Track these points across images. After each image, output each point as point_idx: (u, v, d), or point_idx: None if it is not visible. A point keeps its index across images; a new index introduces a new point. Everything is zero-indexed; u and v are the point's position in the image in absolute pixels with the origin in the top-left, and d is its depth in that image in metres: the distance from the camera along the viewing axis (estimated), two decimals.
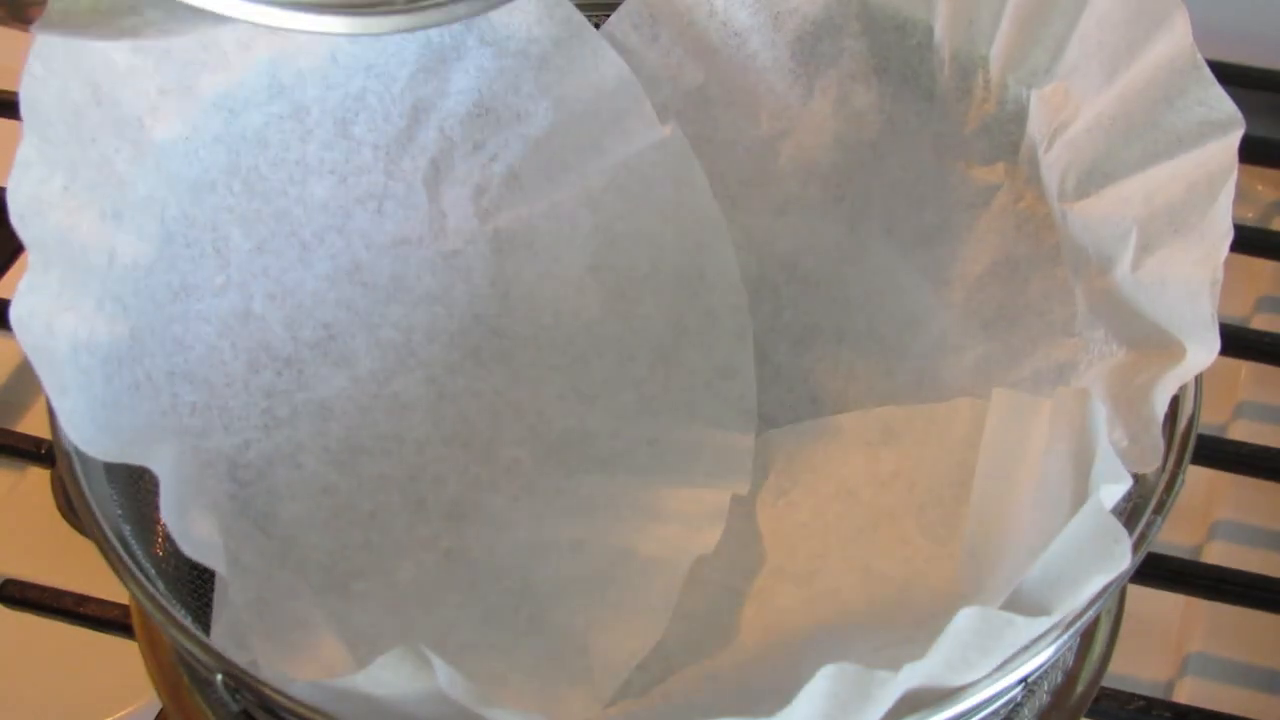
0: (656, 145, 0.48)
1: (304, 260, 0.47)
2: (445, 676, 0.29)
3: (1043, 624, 0.32)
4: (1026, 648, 0.33)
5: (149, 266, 0.41)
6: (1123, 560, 0.33)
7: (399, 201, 0.48)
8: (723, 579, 0.45)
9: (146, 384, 0.41)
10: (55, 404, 0.35)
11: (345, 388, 0.48)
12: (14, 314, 0.34)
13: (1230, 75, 0.62)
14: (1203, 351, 0.35)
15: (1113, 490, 0.34)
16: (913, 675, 0.31)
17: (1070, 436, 0.36)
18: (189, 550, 0.36)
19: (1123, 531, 0.33)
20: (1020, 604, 0.33)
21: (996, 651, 0.32)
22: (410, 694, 0.30)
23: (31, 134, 0.36)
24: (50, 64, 0.38)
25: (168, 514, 0.36)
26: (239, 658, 0.33)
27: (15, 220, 0.35)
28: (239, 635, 0.38)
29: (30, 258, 0.35)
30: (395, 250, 0.49)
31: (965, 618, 0.31)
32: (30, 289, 0.35)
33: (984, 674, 0.32)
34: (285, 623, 0.41)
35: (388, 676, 0.30)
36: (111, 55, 0.40)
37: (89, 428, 0.36)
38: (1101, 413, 0.35)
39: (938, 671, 0.31)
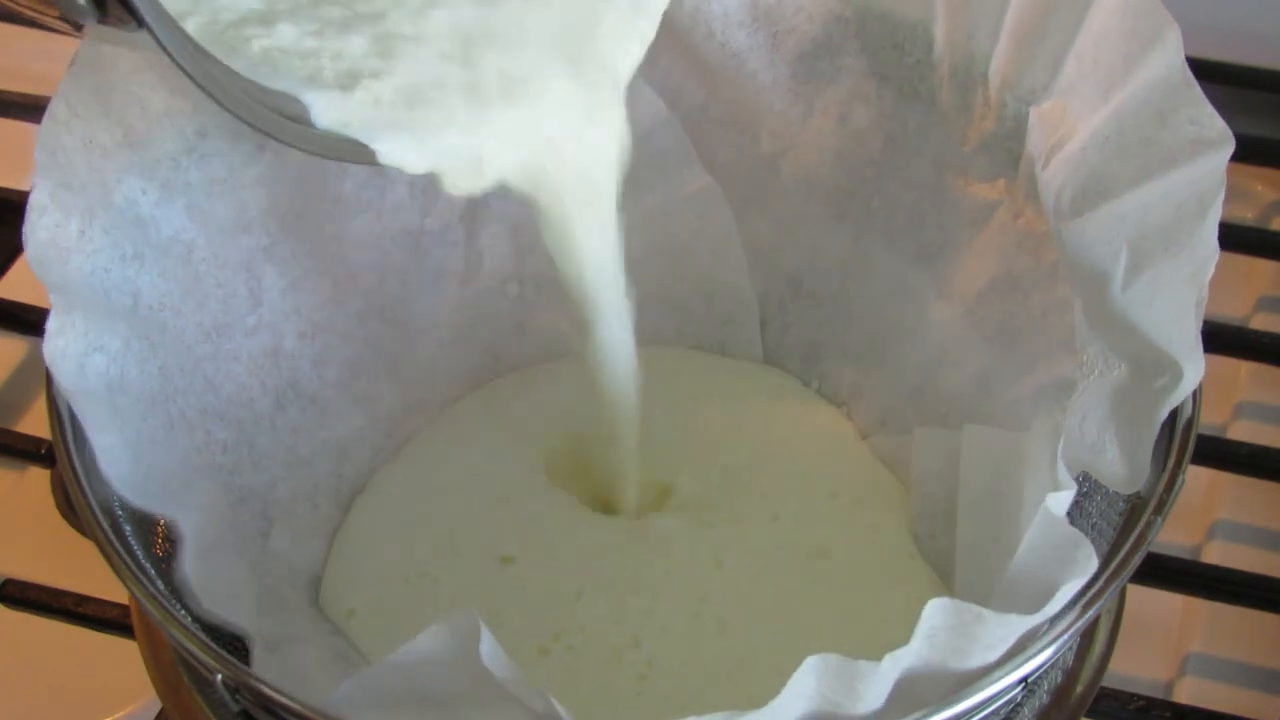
0: (695, 191, 0.49)
1: (336, 298, 0.47)
2: (489, 647, 0.29)
3: (1011, 621, 0.32)
4: (1025, 649, 0.33)
5: (176, 308, 0.42)
6: (1089, 566, 0.33)
7: (436, 239, 0.49)
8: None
9: (180, 422, 0.41)
10: (94, 441, 0.36)
11: (362, 428, 0.48)
12: (47, 355, 0.35)
13: (1230, 75, 0.63)
14: (1189, 371, 0.35)
15: (1059, 498, 0.35)
16: (895, 666, 0.31)
17: (1049, 468, 0.37)
18: (209, 603, 0.36)
19: (1083, 538, 0.34)
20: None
21: (973, 651, 0.32)
22: (453, 662, 0.30)
23: (45, 179, 0.37)
24: (76, 108, 0.38)
25: (190, 568, 0.36)
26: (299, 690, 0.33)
27: (34, 265, 0.36)
28: (287, 669, 0.39)
29: (52, 300, 0.36)
30: (432, 287, 0.49)
31: (935, 609, 0.31)
32: (58, 331, 0.36)
33: (967, 667, 0.32)
34: (325, 656, 0.42)
35: (436, 645, 0.30)
36: (148, 96, 0.40)
37: (125, 466, 0.37)
38: (1062, 436, 0.36)
39: (918, 666, 0.32)
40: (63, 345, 0.36)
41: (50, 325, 0.36)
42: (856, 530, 0.46)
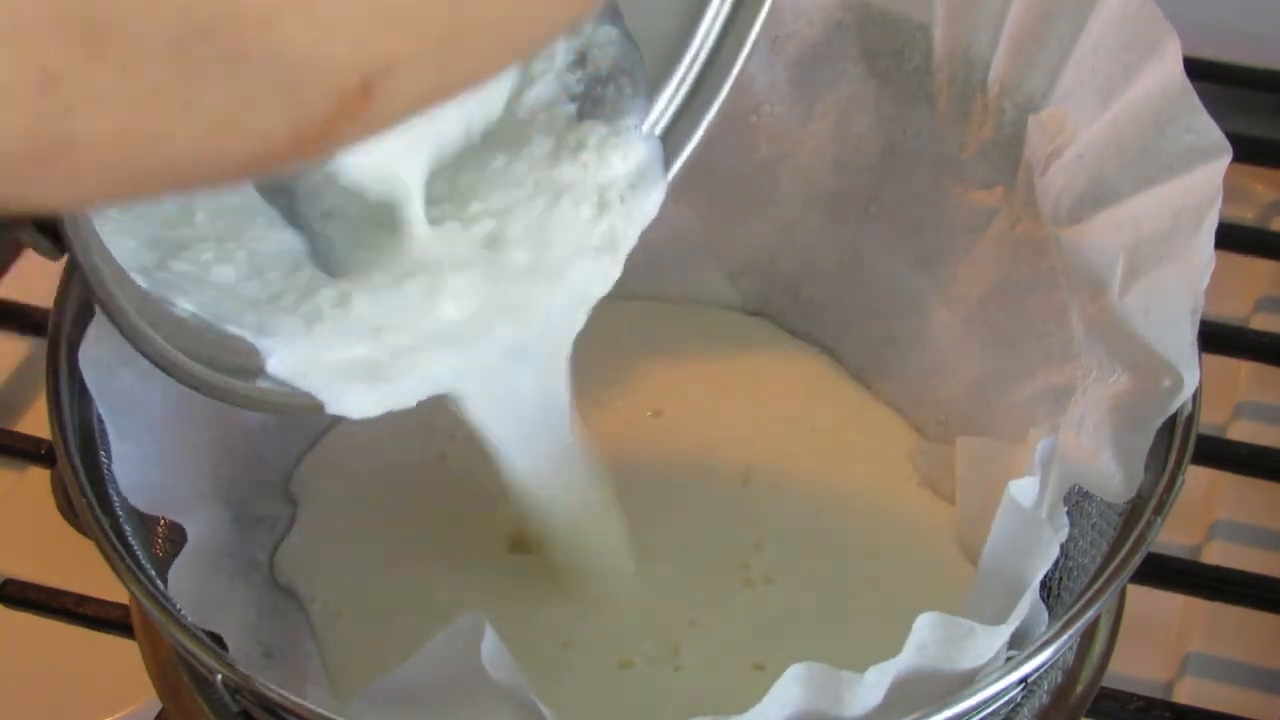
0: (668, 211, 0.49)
1: None
2: (491, 649, 0.30)
3: (1002, 632, 0.32)
4: (1024, 648, 0.33)
5: None
6: (1051, 553, 0.35)
7: None
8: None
9: (190, 450, 0.42)
10: (112, 446, 0.38)
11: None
12: (82, 357, 0.37)
13: (1230, 75, 0.63)
14: (1186, 379, 0.35)
15: (1022, 485, 0.36)
16: (882, 678, 0.31)
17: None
18: (193, 615, 0.37)
19: (1045, 524, 0.35)
20: (973, 613, 0.34)
21: (963, 659, 0.32)
22: (457, 664, 0.30)
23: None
24: None
25: (176, 583, 0.37)
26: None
27: (85, 287, 0.37)
28: (287, 674, 0.40)
29: (97, 309, 0.37)
30: None
31: (926, 622, 0.32)
32: (99, 338, 0.38)
33: (959, 670, 0.33)
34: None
35: (444, 649, 0.30)
36: None
37: (137, 477, 0.38)
38: (1052, 445, 0.37)
39: (907, 675, 0.32)
40: (99, 352, 0.38)
41: (91, 330, 0.38)
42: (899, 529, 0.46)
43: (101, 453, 0.38)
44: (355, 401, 0.34)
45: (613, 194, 0.36)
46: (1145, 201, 0.37)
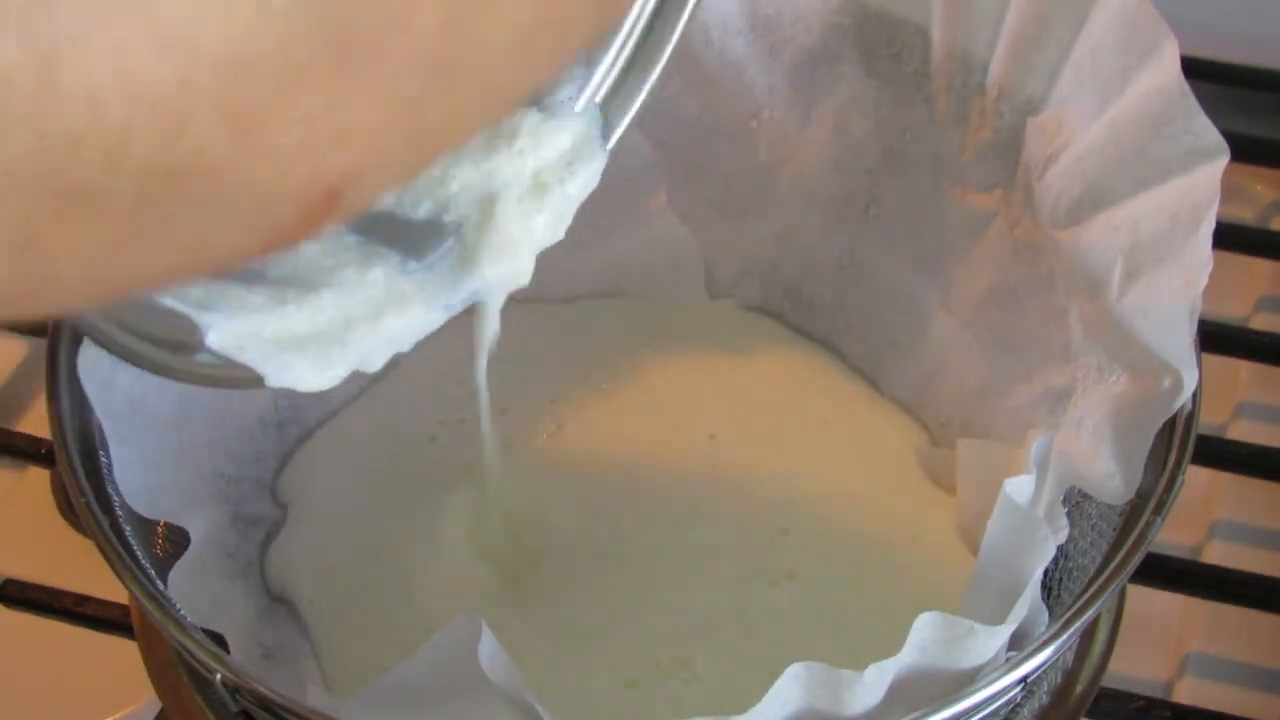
0: (664, 230, 0.50)
1: None
2: (488, 650, 0.30)
3: (1003, 633, 0.32)
4: (1024, 648, 0.33)
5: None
6: (1048, 552, 0.35)
7: None
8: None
9: (190, 451, 0.42)
10: (113, 452, 0.38)
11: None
12: (80, 363, 0.37)
13: (1230, 75, 0.63)
14: (1184, 380, 0.35)
15: (1018, 484, 0.36)
16: (882, 677, 0.31)
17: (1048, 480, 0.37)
18: (191, 616, 0.37)
19: (1041, 522, 0.35)
20: (970, 612, 0.34)
21: (963, 659, 0.32)
22: (458, 665, 0.30)
23: None
24: None
25: (177, 585, 0.37)
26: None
27: None
28: (286, 675, 0.40)
29: None
30: (433, 337, 0.49)
31: (926, 622, 0.32)
32: (89, 343, 0.37)
33: (959, 669, 0.33)
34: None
35: (441, 650, 0.30)
36: None
37: (137, 481, 0.38)
38: (1048, 443, 0.37)
39: (907, 674, 0.32)
40: (97, 355, 0.37)
41: (86, 343, 0.37)
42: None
43: (101, 452, 0.38)
44: (298, 374, 0.33)
45: (550, 175, 0.36)
46: (1143, 203, 0.37)
